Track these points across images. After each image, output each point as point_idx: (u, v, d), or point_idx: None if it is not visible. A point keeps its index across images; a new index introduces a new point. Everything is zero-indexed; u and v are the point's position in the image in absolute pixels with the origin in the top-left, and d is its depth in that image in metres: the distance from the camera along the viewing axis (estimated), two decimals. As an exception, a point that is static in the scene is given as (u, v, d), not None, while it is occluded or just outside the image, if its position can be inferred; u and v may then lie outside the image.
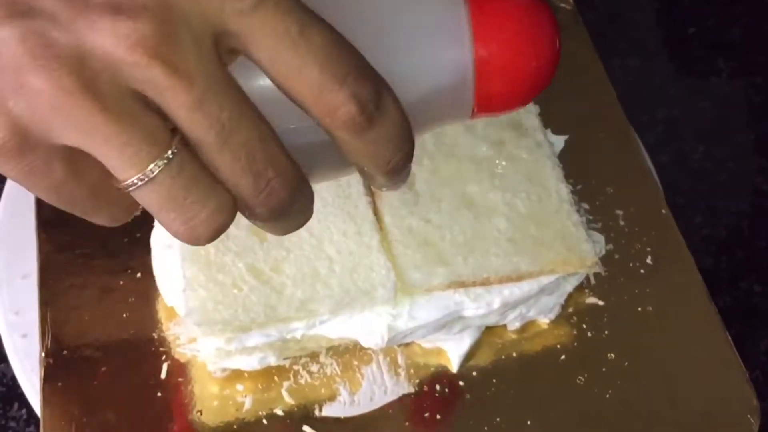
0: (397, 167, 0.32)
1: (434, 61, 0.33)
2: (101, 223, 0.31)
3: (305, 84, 0.28)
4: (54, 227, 0.51)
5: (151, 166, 0.27)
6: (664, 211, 0.54)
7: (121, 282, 0.50)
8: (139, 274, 0.50)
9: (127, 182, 0.28)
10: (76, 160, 0.28)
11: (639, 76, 0.71)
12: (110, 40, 0.26)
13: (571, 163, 0.53)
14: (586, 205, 0.54)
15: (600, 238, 0.52)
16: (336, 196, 0.48)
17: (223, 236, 0.45)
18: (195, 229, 0.29)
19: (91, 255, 0.51)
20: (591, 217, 0.53)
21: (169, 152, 0.27)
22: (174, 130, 0.28)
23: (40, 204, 0.52)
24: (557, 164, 0.51)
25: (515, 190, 0.49)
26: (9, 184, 0.56)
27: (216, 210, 0.29)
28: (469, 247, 0.47)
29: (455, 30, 0.33)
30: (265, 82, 0.29)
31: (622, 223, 0.53)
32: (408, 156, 0.32)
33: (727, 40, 0.74)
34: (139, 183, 0.27)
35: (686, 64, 0.73)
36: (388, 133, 0.30)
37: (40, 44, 0.26)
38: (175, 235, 0.29)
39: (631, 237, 0.53)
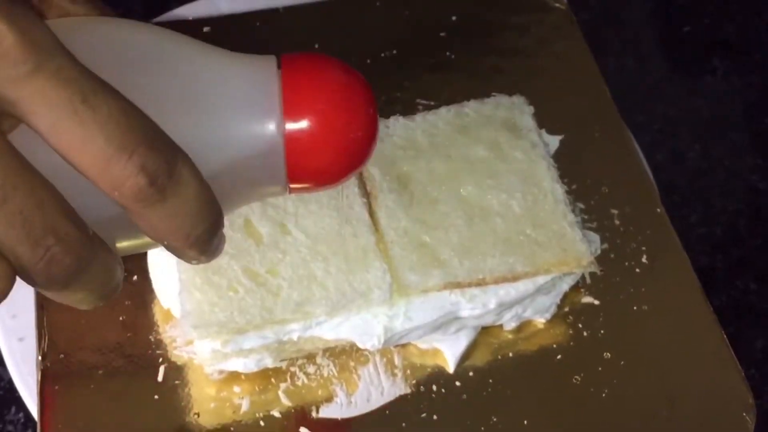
0: (200, 240, 0.30)
1: (243, 134, 0.32)
2: None
3: (89, 155, 0.27)
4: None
5: None
6: (659, 210, 0.54)
7: (118, 285, 0.50)
8: (135, 277, 0.50)
9: None
10: None
11: (634, 75, 0.71)
12: None
13: (566, 163, 0.53)
14: (581, 205, 0.54)
15: (595, 237, 0.52)
16: (331, 198, 0.48)
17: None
18: None
19: (88, 258, 0.51)
20: (586, 217, 0.53)
21: None
22: None
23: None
24: (552, 164, 0.51)
25: (510, 191, 0.49)
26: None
27: None
28: (464, 248, 0.47)
29: (265, 103, 0.32)
30: (55, 156, 0.28)
31: (617, 222, 0.54)
32: (212, 228, 0.31)
33: (722, 38, 0.74)
34: None
35: (681, 62, 0.73)
36: (185, 205, 0.29)
37: None
38: None
39: (627, 236, 0.53)
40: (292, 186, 0.34)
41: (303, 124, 0.32)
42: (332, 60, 0.34)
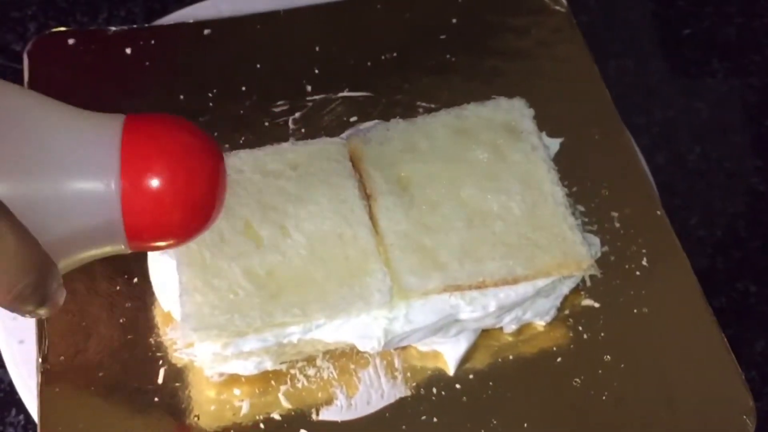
0: (24, 294, 0.31)
1: (79, 191, 0.32)
2: None
3: None
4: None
5: None
6: (659, 213, 0.54)
7: (118, 287, 0.50)
8: (135, 280, 0.50)
9: None
10: None
11: (634, 77, 0.71)
12: None
13: (566, 166, 0.53)
14: (581, 208, 0.54)
15: (595, 240, 0.52)
16: (331, 200, 0.48)
17: (218, 241, 0.46)
18: None
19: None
20: (586, 220, 0.53)
21: None
22: None
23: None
24: (552, 167, 0.51)
25: (510, 193, 0.49)
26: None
27: None
28: (464, 251, 0.47)
29: (103, 163, 0.32)
30: None
31: (617, 225, 0.54)
32: (37, 285, 0.31)
33: (722, 40, 0.74)
34: None
35: (681, 64, 0.73)
36: (3, 260, 0.29)
37: None
38: None
39: (627, 239, 0.53)
40: (131, 243, 0.34)
41: (139, 183, 0.32)
42: (177, 121, 0.34)
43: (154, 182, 0.32)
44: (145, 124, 0.33)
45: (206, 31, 0.61)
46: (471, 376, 0.48)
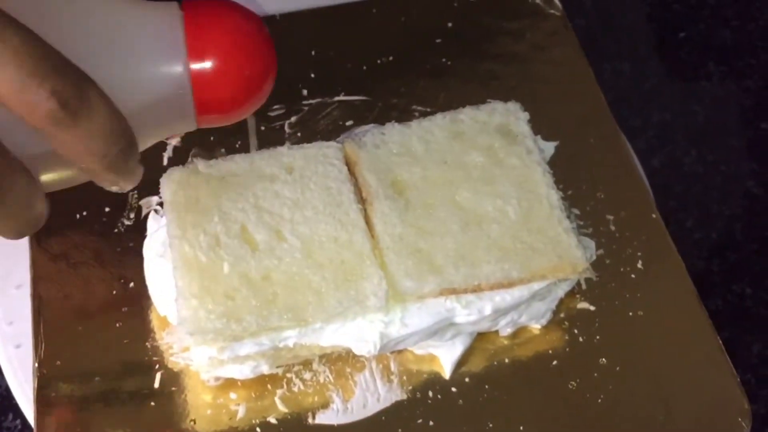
0: (115, 162, 0.33)
1: (150, 71, 0.35)
2: None
3: (3, 83, 0.29)
4: (47, 237, 0.51)
5: None
6: (654, 216, 0.54)
7: (114, 292, 0.50)
8: (132, 284, 0.50)
9: None
10: None
11: (630, 80, 0.71)
12: None
13: (561, 169, 0.53)
14: (576, 211, 0.54)
15: (591, 243, 0.52)
16: (327, 204, 0.48)
17: (214, 245, 0.46)
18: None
19: (84, 265, 0.51)
20: (582, 223, 0.54)
21: None
22: None
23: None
24: (547, 170, 0.51)
25: (506, 197, 0.49)
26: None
27: None
28: (460, 254, 0.47)
29: (170, 43, 0.35)
30: None
31: (612, 228, 0.54)
32: (126, 151, 0.33)
33: (718, 43, 0.74)
34: None
35: (677, 68, 0.73)
36: (97, 126, 0.31)
37: None
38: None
39: (622, 242, 0.53)
40: (200, 118, 0.37)
41: (206, 61, 0.36)
42: (231, 3, 0.37)
43: (219, 58, 0.36)
44: (203, 6, 0.37)
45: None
46: (467, 380, 0.48)
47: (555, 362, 0.49)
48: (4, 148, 0.31)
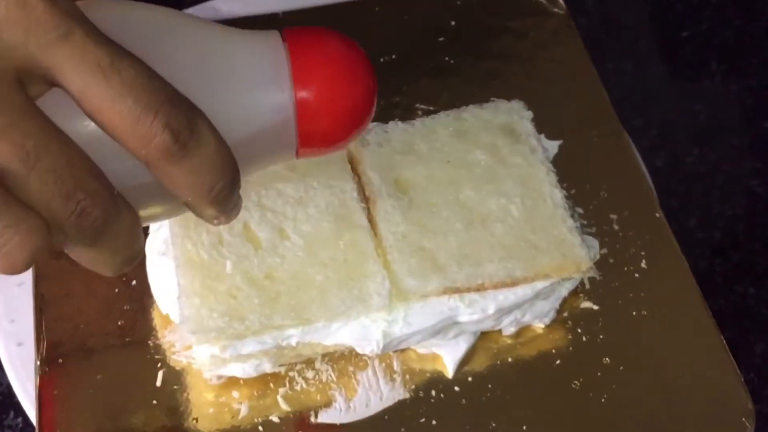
0: (221, 196, 0.32)
1: (256, 103, 0.34)
2: None
3: (118, 115, 0.29)
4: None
5: None
6: (658, 215, 0.54)
7: (116, 290, 0.50)
8: (134, 282, 0.50)
9: None
10: None
11: (632, 79, 0.71)
12: None
13: (565, 168, 0.53)
14: (580, 210, 0.54)
15: (594, 242, 0.52)
16: (330, 203, 0.48)
17: (217, 243, 0.46)
18: (10, 255, 0.29)
19: (86, 263, 0.51)
20: (585, 222, 0.53)
21: None
22: None
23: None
24: (551, 169, 0.51)
25: (509, 196, 0.49)
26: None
27: (28, 232, 0.29)
28: (463, 253, 0.47)
29: (277, 75, 0.35)
30: (85, 122, 0.30)
31: (616, 227, 0.54)
32: (231, 184, 0.33)
33: (720, 42, 0.74)
34: None
35: (679, 67, 0.73)
36: (205, 160, 0.31)
37: None
38: None
39: (626, 241, 0.53)
40: (301, 150, 0.37)
41: (311, 92, 0.35)
42: (332, 32, 0.37)
43: (324, 89, 0.35)
44: (306, 36, 0.36)
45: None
46: (470, 379, 0.48)
47: (558, 361, 0.49)
48: (110, 183, 0.31)
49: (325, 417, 0.47)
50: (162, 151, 0.30)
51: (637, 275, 0.52)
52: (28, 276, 0.50)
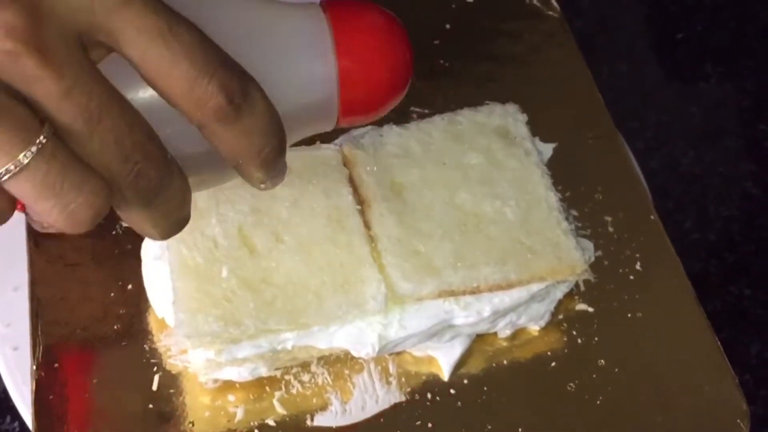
0: (269, 158, 0.33)
1: (300, 72, 0.36)
2: None
3: (176, 78, 0.30)
4: (45, 239, 0.51)
5: (23, 154, 0.28)
6: (652, 217, 0.54)
7: (112, 294, 0.50)
8: (130, 286, 0.50)
9: None
10: None
11: (628, 82, 0.71)
12: None
13: (559, 171, 0.53)
14: (575, 212, 0.54)
15: (589, 245, 0.52)
16: (325, 207, 0.48)
17: (212, 247, 0.46)
18: (74, 215, 0.30)
19: (82, 267, 0.51)
20: (580, 224, 0.53)
21: (40, 139, 0.28)
22: (42, 120, 0.29)
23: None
24: (546, 172, 0.51)
25: (504, 198, 0.49)
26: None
27: (92, 193, 0.30)
28: (458, 256, 0.47)
29: (319, 43, 0.36)
30: (141, 89, 0.32)
31: (611, 229, 0.54)
32: (279, 148, 0.34)
33: (715, 45, 0.74)
34: (12, 170, 0.28)
35: (675, 69, 0.73)
36: (257, 123, 0.32)
37: None
38: (55, 223, 0.30)
39: (620, 243, 0.53)
40: (342, 119, 0.38)
41: (354, 61, 0.36)
42: (370, 3, 0.38)
43: (366, 58, 0.37)
44: (345, 7, 0.37)
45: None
46: (465, 381, 0.48)
47: (554, 364, 0.49)
48: (164, 147, 0.32)
49: (321, 420, 0.47)
50: (216, 112, 0.31)
51: (632, 277, 0.52)
52: (24, 280, 0.50)
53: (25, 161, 0.28)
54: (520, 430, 0.47)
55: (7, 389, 0.49)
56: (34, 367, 0.47)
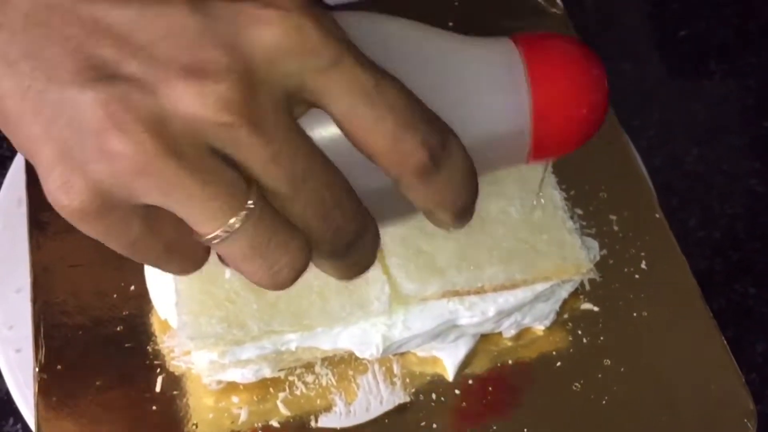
0: (463, 210, 0.33)
1: (494, 109, 0.34)
2: (171, 272, 0.32)
3: (380, 135, 0.30)
4: (47, 241, 0.51)
5: (233, 219, 0.28)
6: (657, 216, 0.54)
7: (115, 295, 0.50)
8: (132, 287, 0.50)
9: (210, 236, 0.28)
10: (152, 216, 0.29)
11: (631, 79, 0.71)
12: (196, 103, 0.27)
13: (564, 170, 0.53)
14: (579, 211, 0.54)
15: (594, 243, 0.52)
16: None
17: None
18: (279, 274, 0.30)
19: (85, 268, 0.51)
20: (585, 223, 0.53)
21: (249, 203, 0.28)
22: (250, 183, 0.29)
23: (32, 218, 0.52)
24: (550, 171, 0.51)
25: (509, 198, 0.49)
26: (0, 197, 0.55)
27: (296, 252, 0.30)
28: (462, 256, 0.47)
29: (513, 79, 0.34)
30: (331, 134, 0.31)
31: (616, 228, 0.53)
32: (474, 196, 0.33)
33: (719, 42, 0.74)
34: (223, 236, 0.28)
35: (678, 66, 0.73)
36: (454, 177, 0.31)
37: (122, 108, 0.27)
38: (259, 283, 0.30)
39: (625, 242, 0.53)
40: (533, 156, 0.36)
41: (549, 98, 0.34)
42: (565, 36, 0.36)
43: (561, 97, 0.34)
44: (539, 41, 0.35)
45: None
46: (470, 381, 0.48)
47: (559, 363, 0.49)
48: (359, 200, 0.31)
49: (325, 421, 0.46)
50: (417, 168, 0.30)
51: (637, 276, 0.52)
52: (26, 283, 0.50)
53: (236, 226, 0.28)
54: (525, 430, 0.47)
55: (10, 391, 0.49)
56: (37, 369, 0.47)
